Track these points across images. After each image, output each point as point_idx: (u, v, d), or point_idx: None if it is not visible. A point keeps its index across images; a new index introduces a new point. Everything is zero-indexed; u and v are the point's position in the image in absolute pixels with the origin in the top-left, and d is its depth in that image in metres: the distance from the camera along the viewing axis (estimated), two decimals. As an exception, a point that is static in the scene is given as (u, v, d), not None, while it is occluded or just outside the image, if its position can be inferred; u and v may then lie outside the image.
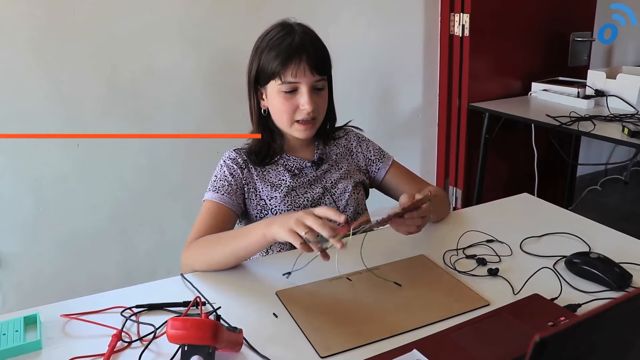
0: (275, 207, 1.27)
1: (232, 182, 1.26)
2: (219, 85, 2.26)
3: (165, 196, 2.27)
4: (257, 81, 1.26)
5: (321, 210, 0.97)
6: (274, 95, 1.23)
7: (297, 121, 1.24)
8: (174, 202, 2.28)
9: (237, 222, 1.32)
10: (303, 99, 1.21)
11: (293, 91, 1.21)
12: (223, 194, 1.24)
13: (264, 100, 1.28)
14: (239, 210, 1.27)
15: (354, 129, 1.44)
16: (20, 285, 2.11)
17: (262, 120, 1.30)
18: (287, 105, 1.22)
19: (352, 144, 1.41)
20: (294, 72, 1.19)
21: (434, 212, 1.24)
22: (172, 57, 2.16)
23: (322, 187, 1.32)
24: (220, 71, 2.25)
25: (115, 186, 2.17)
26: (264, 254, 1.28)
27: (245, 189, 1.28)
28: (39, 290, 2.12)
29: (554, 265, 1.11)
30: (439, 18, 2.73)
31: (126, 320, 0.95)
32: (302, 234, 0.95)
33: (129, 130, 2.13)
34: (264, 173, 1.30)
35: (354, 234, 0.95)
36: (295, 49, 1.19)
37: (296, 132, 1.26)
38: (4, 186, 2.00)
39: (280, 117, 1.26)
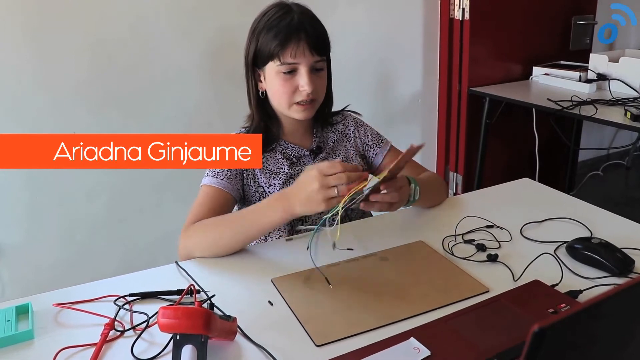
0: None
1: (231, 168, 1.24)
2: (216, 71, 2.23)
3: (163, 186, 2.25)
4: (255, 63, 1.24)
5: (328, 169, 0.98)
6: (272, 77, 1.21)
7: (296, 102, 1.22)
8: (172, 191, 2.26)
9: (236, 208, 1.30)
10: (303, 80, 1.18)
11: (292, 72, 1.19)
12: (222, 179, 1.22)
13: (262, 82, 1.26)
14: (237, 196, 1.25)
15: (352, 113, 1.42)
16: (19, 275, 2.09)
17: (260, 103, 1.28)
18: (286, 86, 1.20)
19: (349, 129, 1.39)
20: (293, 53, 1.16)
21: (425, 196, 1.20)
22: (166, 44, 2.12)
23: None
24: (217, 56, 2.21)
25: (113, 176, 2.15)
26: (261, 241, 1.26)
27: (244, 174, 1.27)
28: (38, 280, 2.10)
29: (554, 251, 1.09)
30: (439, 1, 2.69)
31: (119, 309, 0.93)
32: (336, 193, 0.96)
33: (124, 119, 2.10)
34: (263, 160, 1.28)
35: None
36: (294, 29, 1.16)
37: (295, 114, 1.24)
38: (-1, 176, 1.98)
39: (279, 98, 1.23)
